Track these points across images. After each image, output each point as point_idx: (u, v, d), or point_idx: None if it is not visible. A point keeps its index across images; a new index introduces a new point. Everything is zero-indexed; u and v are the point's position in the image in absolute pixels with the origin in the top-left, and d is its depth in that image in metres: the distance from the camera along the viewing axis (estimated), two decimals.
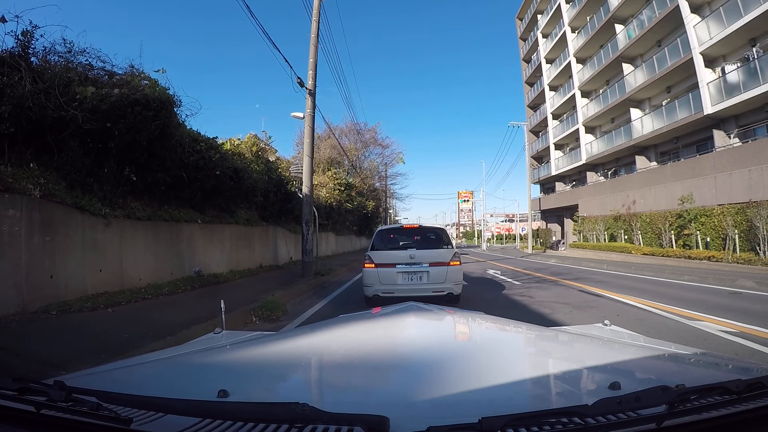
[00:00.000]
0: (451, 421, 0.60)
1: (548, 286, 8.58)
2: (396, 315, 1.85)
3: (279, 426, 0.63)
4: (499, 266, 14.44)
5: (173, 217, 7.67)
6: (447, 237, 6.41)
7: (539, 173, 34.38)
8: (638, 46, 22.00)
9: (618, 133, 23.07)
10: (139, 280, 6.84)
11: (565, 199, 29.11)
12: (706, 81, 17.30)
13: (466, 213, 79.12)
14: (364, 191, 27.67)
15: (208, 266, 8.63)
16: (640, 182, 20.34)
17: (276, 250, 12.24)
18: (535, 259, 20.14)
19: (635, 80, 21.66)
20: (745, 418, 0.67)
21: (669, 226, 16.72)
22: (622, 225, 19.85)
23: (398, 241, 6.39)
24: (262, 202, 11.28)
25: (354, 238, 27.96)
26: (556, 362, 1.25)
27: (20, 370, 3.04)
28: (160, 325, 4.47)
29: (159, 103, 6.32)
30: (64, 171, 6.03)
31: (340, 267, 12.69)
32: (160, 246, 7.34)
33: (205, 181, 7.82)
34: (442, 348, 1.31)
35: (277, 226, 12.37)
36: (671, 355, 1.29)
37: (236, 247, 9.76)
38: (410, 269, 5.80)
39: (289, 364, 1.20)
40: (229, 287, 7.76)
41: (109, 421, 0.65)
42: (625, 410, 0.64)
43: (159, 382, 1.05)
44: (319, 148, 27.31)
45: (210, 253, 8.73)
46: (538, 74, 34.88)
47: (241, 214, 10.29)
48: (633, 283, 9.03)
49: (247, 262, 10.21)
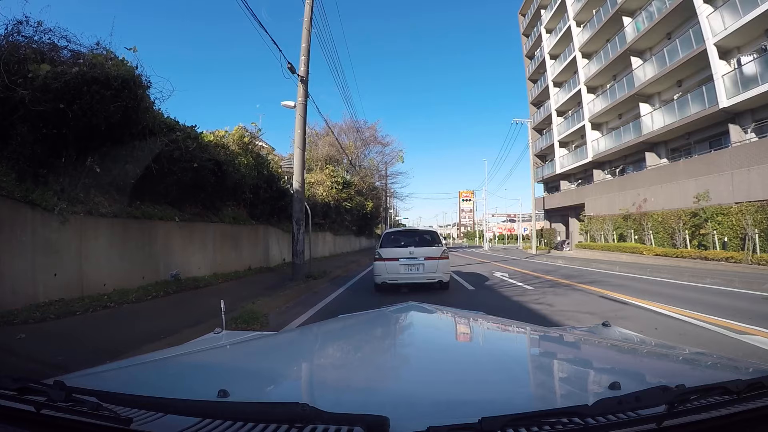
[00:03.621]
0: (451, 421, 0.60)
1: (564, 291, 7.75)
2: (396, 315, 1.84)
3: (279, 426, 0.62)
4: (505, 268, 13.60)
5: (146, 215, 6.87)
6: (438, 238, 8.06)
7: (543, 172, 33.53)
8: (647, 38, 21.19)
9: (626, 129, 22.23)
10: (104, 285, 6.05)
11: (571, 198, 28.23)
12: (720, 73, 16.49)
13: (467, 213, 78.38)
14: (364, 190, 26.85)
15: (188, 269, 7.84)
16: (651, 180, 19.49)
17: (267, 251, 11.43)
18: (541, 260, 19.32)
19: (644, 74, 20.84)
20: (746, 418, 0.66)
21: (683, 226, 15.90)
22: (631, 224, 19.02)
23: (400, 241, 7.74)
24: (252, 199, 10.49)
25: (353, 238, 27.13)
26: (556, 362, 1.24)
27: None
28: (109, 342, 3.68)
29: (121, 82, 5.52)
30: (13, 160, 5.25)
31: (336, 269, 11.87)
32: (129, 247, 6.54)
33: (182, 174, 7.02)
34: (442, 348, 1.32)
35: (269, 226, 11.55)
36: (671, 355, 1.30)
37: (221, 247, 8.96)
38: (410, 262, 7.30)
39: (289, 364, 1.22)
40: (208, 293, 6.96)
41: (109, 421, 0.65)
42: (625, 410, 0.64)
43: (159, 382, 1.04)
44: (317, 145, 26.54)
45: (190, 255, 7.93)
46: (541, 71, 34.08)
47: (228, 211, 9.50)
48: (655, 287, 8.22)
49: (233, 264, 9.40)
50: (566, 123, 29.77)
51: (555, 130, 31.02)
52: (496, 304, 6.37)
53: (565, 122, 29.94)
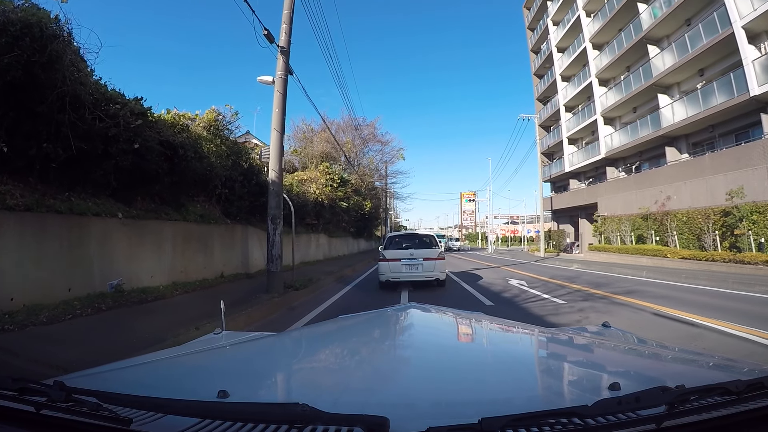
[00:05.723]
0: (451, 422, 0.60)
1: (605, 306, 6.23)
2: (396, 315, 1.84)
3: (279, 426, 0.62)
4: (519, 274, 12.01)
5: (74, 209, 5.39)
6: (436, 241, 9.08)
7: (550, 171, 31.97)
8: (665, 25, 19.74)
9: (643, 122, 20.72)
10: (11, 300, 4.57)
11: (581, 197, 26.65)
12: (750, 59, 15.00)
13: (469, 215, 76.85)
14: (362, 189, 25.33)
15: (137, 277, 6.36)
16: (673, 176, 17.97)
17: (247, 255, 9.92)
18: (553, 263, 17.79)
19: (663, 63, 19.36)
20: (746, 418, 0.66)
21: (712, 226, 14.40)
22: (652, 225, 17.50)
23: (402, 243, 8.74)
24: (227, 194, 9.00)
25: (351, 241, 25.57)
26: (556, 363, 1.24)
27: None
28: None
29: (22, 28, 4.06)
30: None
31: (327, 276, 10.35)
32: (49, 249, 5.06)
33: (120, 157, 5.55)
34: (442, 348, 1.32)
35: (249, 226, 10.03)
36: (671, 355, 1.31)
37: (184, 251, 7.48)
38: (410, 262, 8.24)
39: (289, 365, 1.21)
40: (154, 309, 5.49)
41: (109, 421, 0.65)
42: (625, 411, 0.64)
43: (159, 382, 1.03)
44: (312, 141, 25.09)
45: (139, 260, 6.46)
46: (548, 65, 32.64)
47: (195, 208, 8.01)
48: (709, 299, 6.73)
49: (200, 270, 7.91)
50: (575, 119, 28.28)
51: (563, 127, 29.51)
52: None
53: (574, 118, 28.46)
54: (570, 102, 28.99)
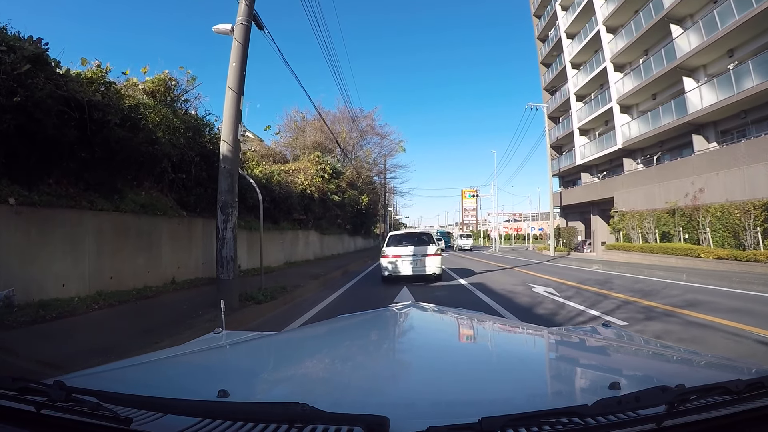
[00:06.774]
0: (451, 421, 0.59)
1: (682, 328, 4.49)
2: (396, 315, 1.82)
3: (279, 426, 0.62)
4: (541, 278, 10.11)
5: None
6: (433, 239, 10.32)
7: (559, 164, 30.14)
8: (689, 3, 17.99)
9: (666, 109, 18.94)
10: None
11: (595, 192, 24.85)
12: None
13: (470, 212, 75.00)
14: (359, 183, 23.57)
15: (39, 286, 4.66)
16: (701, 167, 16.19)
17: (211, 255, 8.18)
18: (568, 263, 16.05)
19: (689, 44, 17.58)
20: (745, 418, 0.65)
21: (753, 221, 12.68)
22: (679, 221, 15.75)
23: (402, 241, 9.75)
24: (184, 180, 7.27)
25: (346, 238, 23.82)
26: (556, 362, 1.23)
27: None
28: None
29: None
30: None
31: (310, 281, 8.61)
32: None
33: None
34: (442, 348, 1.32)
35: (213, 219, 8.29)
36: (671, 355, 1.30)
37: (116, 250, 5.76)
38: (410, 259, 9.19)
39: (289, 364, 1.20)
40: (46, 333, 3.77)
41: (109, 421, 0.64)
42: (625, 410, 0.63)
43: (159, 382, 1.01)
44: (305, 131, 23.32)
45: (44, 262, 4.75)
46: (556, 52, 30.82)
47: (137, 196, 6.28)
48: None
49: (140, 276, 6.19)
50: (587, 108, 26.49)
51: (574, 117, 27.71)
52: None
53: (586, 107, 26.67)
54: (581, 90, 27.20)
